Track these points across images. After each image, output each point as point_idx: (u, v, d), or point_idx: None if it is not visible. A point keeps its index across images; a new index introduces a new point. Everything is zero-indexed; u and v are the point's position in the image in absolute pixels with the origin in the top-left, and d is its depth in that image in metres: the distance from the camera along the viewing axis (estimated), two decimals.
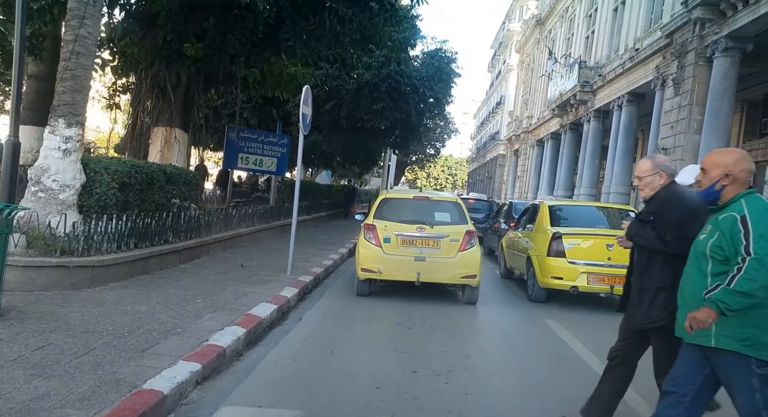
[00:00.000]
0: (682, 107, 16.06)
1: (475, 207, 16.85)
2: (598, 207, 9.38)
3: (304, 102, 7.29)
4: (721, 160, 2.60)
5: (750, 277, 2.31)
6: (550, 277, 7.36)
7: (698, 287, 2.54)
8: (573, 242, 7.34)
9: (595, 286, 7.14)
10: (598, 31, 26.68)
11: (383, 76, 17.83)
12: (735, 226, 2.42)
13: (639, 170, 3.29)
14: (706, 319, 2.40)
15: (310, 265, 8.57)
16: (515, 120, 44.70)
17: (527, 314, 6.83)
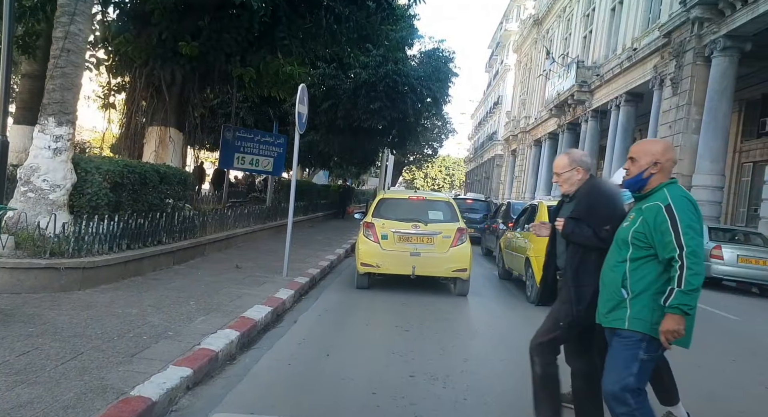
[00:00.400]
0: (680, 107, 16.01)
1: (472, 207, 16.76)
2: None
3: (299, 101, 7.19)
4: (650, 149, 2.67)
5: (694, 271, 2.37)
6: None
7: (617, 273, 2.61)
8: None
9: None
10: (595, 31, 26.65)
11: (380, 76, 17.73)
12: (660, 214, 2.47)
13: (556, 166, 3.28)
14: (677, 327, 2.42)
15: (306, 266, 8.46)
16: (513, 120, 44.68)
17: (526, 316, 6.73)
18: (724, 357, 5.47)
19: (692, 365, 5.11)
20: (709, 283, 10.81)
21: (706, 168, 14.63)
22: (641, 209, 2.58)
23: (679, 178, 15.68)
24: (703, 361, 5.22)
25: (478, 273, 10.78)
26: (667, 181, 2.61)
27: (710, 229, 11.09)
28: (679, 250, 2.39)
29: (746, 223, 18.34)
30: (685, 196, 2.53)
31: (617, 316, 2.56)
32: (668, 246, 2.42)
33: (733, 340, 6.47)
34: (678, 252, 2.39)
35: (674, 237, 2.41)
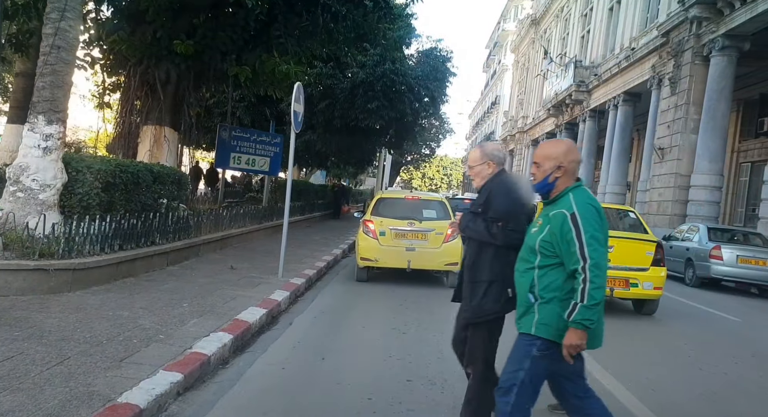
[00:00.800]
0: (678, 107, 15.96)
1: (468, 206, 16.65)
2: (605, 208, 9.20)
3: (295, 100, 7.09)
4: (552, 152, 2.59)
5: (596, 285, 2.32)
6: None
7: (525, 279, 2.55)
8: None
9: None
10: (593, 31, 26.61)
11: (378, 75, 17.62)
12: (565, 224, 2.41)
13: (469, 159, 3.23)
14: (580, 341, 2.38)
15: (302, 266, 8.36)
16: (510, 120, 44.65)
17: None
18: (725, 359, 5.39)
19: (693, 367, 5.04)
20: (708, 283, 10.76)
21: (704, 168, 14.57)
22: (548, 216, 2.52)
23: (677, 178, 15.66)
24: (705, 363, 5.14)
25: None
26: (573, 185, 2.54)
27: (709, 229, 11.02)
28: (582, 262, 2.33)
29: (744, 223, 18.31)
30: (590, 203, 2.46)
31: (526, 321, 2.52)
32: (573, 257, 2.36)
33: (734, 341, 6.39)
34: (582, 264, 2.33)
35: (578, 248, 2.35)
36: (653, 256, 7.09)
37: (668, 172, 16.10)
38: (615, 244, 7.04)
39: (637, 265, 7.01)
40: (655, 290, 7.03)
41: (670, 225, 15.43)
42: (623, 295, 7.05)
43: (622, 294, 6.99)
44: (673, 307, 8.28)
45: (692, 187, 14.89)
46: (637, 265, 7.00)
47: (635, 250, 7.11)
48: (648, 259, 7.08)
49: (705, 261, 10.30)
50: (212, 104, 19.64)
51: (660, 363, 5.11)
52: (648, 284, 6.97)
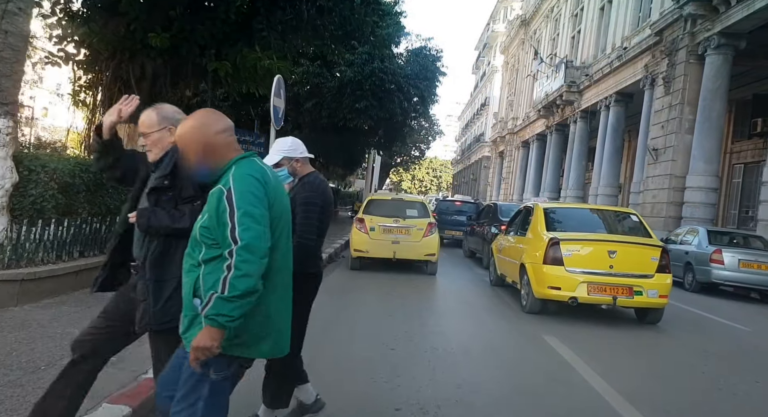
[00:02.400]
0: (672, 106, 15.64)
1: (461, 209, 16.24)
2: (595, 209, 8.78)
3: (275, 94, 6.57)
4: (190, 133, 2.05)
5: (243, 272, 1.84)
6: (546, 287, 6.71)
7: (190, 279, 2.01)
8: (571, 249, 6.71)
9: (596, 296, 6.53)
10: (584, 31, 26.34)
11: (366, 74, 17.15)
12: (221, 202, 1.93)
13: (142, 124, 2.58)
14: (211, 343, 1.86)
15: None
16: (500, 121, 44.38)
17: (524, 331, 6.17)
18: (746, 377, 4.93)
19: (712, 387, 4.58)
20: (708, 288, 10.38)
21: (700, 169, 14.24)
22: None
23: (672, 179, 15.32)
24: (724, 382, 4.70)
25: (468, 279, 10.26)
26: (237, 157, 2.05)
27: (709, 232, 10.65)
28: (233, 244, 1.87)
29: (737, 225, 18.05)
30: (250, 175, 1.98)
31: (193, 335, 1.94)
32: (225, 241, 1.89)
33: (749, 355, 5.95)
34: (231, 247, 1.87)
35: (230, 229, 1.88)
36: (658, 261, 6.66)
37: (662, 173, 15.77)
38: (618, 249, 6.65)
39: (642, 271, 6.59)
40: (661, 298, 6.58)
41: (665, 227, 15.08)
42: (627, 303, 6.63)
43: (625, 303, 6.58)
44: (675, 314, 7.86)
45: (687, 188, 14.56)
46: (641, 271, 6.58)
47: (639, 256, 6.71)
48: (653, 265, 6.65)
49: (705, 265, 9.92)
50: (194, 104, 19.06)
51: (671, 380, 4.66)
52: (653, 292, 6.52)
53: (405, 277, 9.42)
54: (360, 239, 9.60)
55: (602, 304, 6.68)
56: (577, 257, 6.66)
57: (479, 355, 5.03)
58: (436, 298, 8.23)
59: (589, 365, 4.75)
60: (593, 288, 6.52)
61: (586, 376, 4.45)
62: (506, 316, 6.98)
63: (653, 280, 6.53)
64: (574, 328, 6.37)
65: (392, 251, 9.47)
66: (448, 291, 8.78)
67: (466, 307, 7.54)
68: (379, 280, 8.86)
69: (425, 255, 9.60)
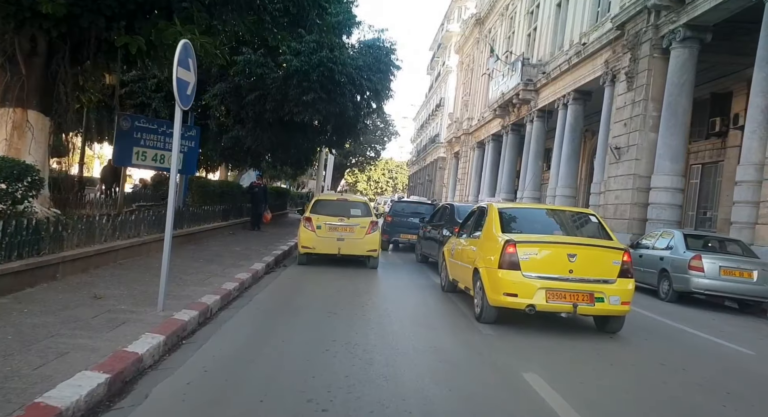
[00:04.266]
0: (636, 103, 14.98)
1: (418, 211, 15.02)
2: (552, 210, 7.87)
3: (180, 63, 5.11)
4: None
5: None
6: (502, 294, 5.92)
7: None
8: (528, 252, 5.94)
9: (556, 304, 5.82)
10: (540, 28, 25.79)
11: (314, 64, 15.72)
12: None
13: None
14: None
15: (203, 290, 6.38)
16: (455, 122, 43.77)
17: (474, 341, 5.31)
18: None
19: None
20: (685, 297, 9.56)
21: (666, 168, 13.58)
22: None
23: (635, 179, 14.64)
24: None
25: (419, 284, 9.12)
26: None
27: (686, 236, 9.82)
28: None
29: (695, 226, 17.66)
30: None
31: None
32: None
33: (763, 389, 4.94)
34: None
35: None
36: (620, 266, 5.98)
37: (625, 173, 15.08)
38: (578, 253, 5.91)
39: (603, 276, 5.92)
40: (623, 306, 5.92)
41: (629, 229, 14.39)
42: (587, 311, 5.93)
43: (586, 310, 5.87)
44: (653, 329, 6.97)
45: (653, 189, 13.89)
46: (602, 276, 5.92)
47: (600, 260, 6.01)
48: (614, 270, 5.96)
49: (684, 273, 9.05)
50: (123, 94, 17.17)
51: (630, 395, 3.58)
52: (615, 299, 5.85)
53: (352, 281, 8.14)
54: (307, 237, 10.25)
55: (561, 312, 5.93)
56: (535, 261, 5.92)
57: (432, 380, 3.87)
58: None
59: (542, 378, 3.76)
60: (552, 295, 5.82)
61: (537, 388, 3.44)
62: (458, 326, 6.10)
63: (615, 286, 5.89)
64: (529, 339, 5.70)
65: (337, 248, 10.15)
66: (398, 298, 7.59)
67: (419, 318, 6.40)
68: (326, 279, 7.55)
69: (367, 251, 10.34)
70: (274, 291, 7.64)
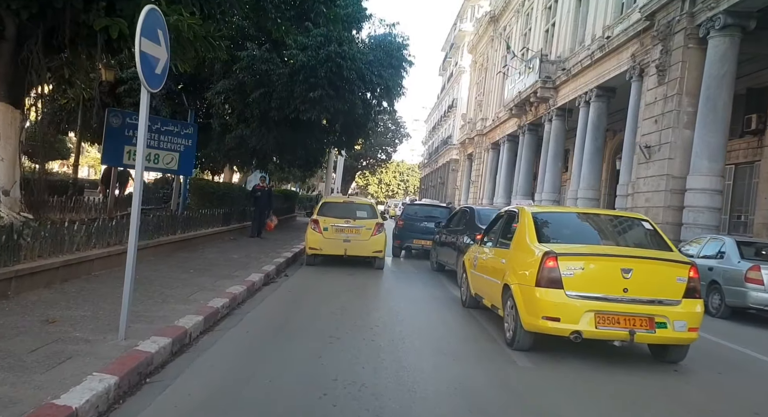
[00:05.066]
0: (668, 98, 13.83)
1: (432, 214, 13.96)
2: (597, 215, 6.75)
3: (144, 33, 4.11)
4: None
5: None
6: (540, 318, 4.88)
7: None
8: (573, 266, 4.90)
9: (607, 330, 4.77)
10: (559, 23, 24.67)
11: (322, 59, 14.79)
12: None
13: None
14: None
15: (184, 310, 5.42)
16: (468, 123, 42.68)
17: (509, 375, 4.43)
18: None
19: None
20: (739, 313, 8.41)
21: (703, 168, 12.43)
22: None
23: (669, 180, 13.50)
24: None
25: (436, 298, 8.10)
26: None
27: (739, 243, 8.69)
28: None
29: (728, 231, 16.43)
30: None
31: None
32: None
33: None
34: None
35: None
36: (686, 283, 4.92)
37: (657, 173, 13.94)
38: (634, 267, 4.82)
39: (665, 296, 4.89)
40: (690, 332, 4.88)
41: None
42: (647, 339, 4.88)
43: (645, 338, 4.83)
44: (718, 355, 5.88)
45: (689, 190, 12.74)
46: (664, 296, 4.89)
47: (661, 276, 4.96)
48: (679, 288, 4.91)
49: (739, 286, 7.93)
50: (122, 92, 16.37)
51: None
52: (680, 324, 4.81)
53: (359, 294, 7.15)
54: (314, 238, 10.48)
55: (615, 340, 4.87)
56: (581, 278, 4.87)
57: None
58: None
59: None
60: (603, 319, 4.76)
61: None
62: (486, 355, 5.10)
63: (680, 308, 4.85)
64: (576, 372, 4.71)
65: (343, 249, 10.34)
66: (413, 316, 6.54)
67: (437, 342, 5.36)
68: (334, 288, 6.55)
69: (373, 252, 10.53)
70: (270, 307, 6.66)
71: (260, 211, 14.52)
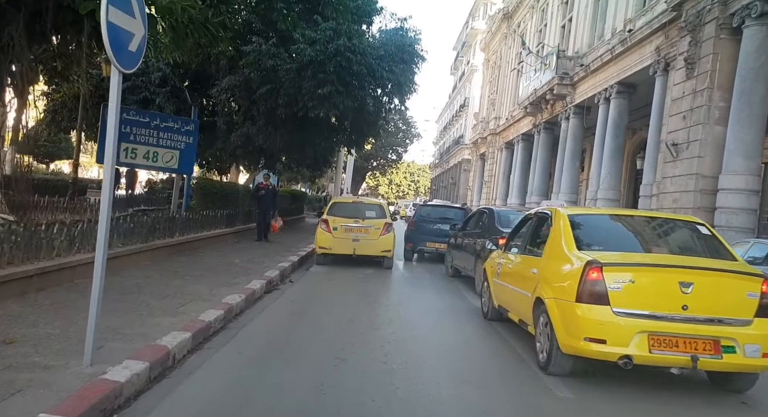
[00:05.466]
0: (698, 92, 12.99)
1: (446, 216, 13.22)
2: (643, 218, 5.91)
3: (110, 0, 3.48)
4: None
5: None
6: (582, 339, 4.13)
7: None
8: (621, 278, 4.13)
9: (664, 354, 3.99)
10: (576, 18, 23.82)
11: (330, 53, 14.17)
12: None
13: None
14: None
15: (170, 324, 4.77)
16: (481, 122, 41.83)
17: (547, 407, 3.53)
18: None
19: None
20: None
21: (738, 166, 11.60)
22: None
23: (698, 180, 12.66)
24: None
25: (453, 308, 7.37)
26: None
27: None
28: None
29: (758, 234, 15.54)
30: None
31: None
32: None
33: None
34: None
35: None
36: (758, 300, 4.08)
37: (686, 172, 13.11)
38: (695, 280, 4.04)
39: (734, 314, 4.08)
40: (765, 358, 4.03)
41: None
42: (712, 366, 4.09)
43: (710, 365, 4.05)
44: None
45: (721, 190, 11.92)
46: (732, 314, 4.08)
47: (727, 290, 4.16)
48: (750, 305, 4.09)
49: None
50: (126, 89, 15.83)
51: None
52: (753, 349, 4.00)
53: (370, 304, 6.46)
54: (324, 237, 10.58)
55: (673, 366, 4.10)
56: (631, 292, 4.11)
57: None
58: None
59: None
60: (658, 341, 4.00)
61: None
62: (519, 381, 4.35)
63: (752, 329, 4.04)
64: (625, 402, 3.95)
65: (352, 248, 10.41)
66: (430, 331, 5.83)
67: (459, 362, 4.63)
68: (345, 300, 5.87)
69: (382, 251, 10.62)
70: (270, 320, 6.00)
71: (264, 212, 13.41)
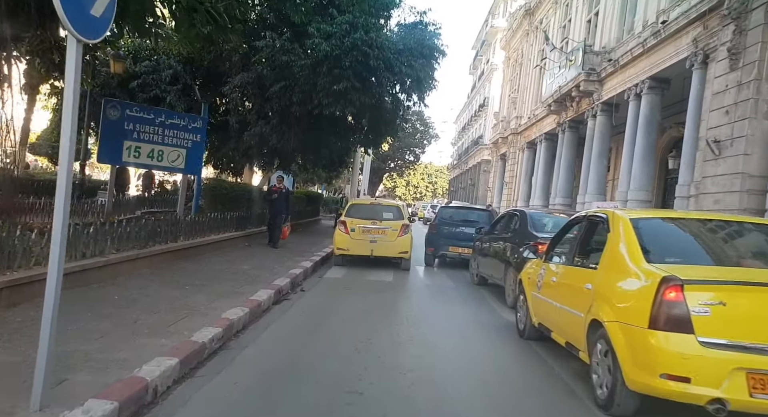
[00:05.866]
0: (743, 84, 11.98)
1: (469, 218, 12.39)
2: (727, 222, 4.72)
3: None
4: None
5: None
6: (657, 375, 3.26)
7: None
8: (707, 300, 3.28)
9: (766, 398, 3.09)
10: (603, 12, 22.80)
11: (347, 47, 13.49)
12: None
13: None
14: None
15: (157, 347, 4.09)
16: (501, 121, 40.81)
17: None
18: None
19: None
20: None
21: None
22: None
23: (745, 179, 11.65)
24: None
25: (483, 324, 6.55)
26: None
27: None
28: None
29: None
30: None
31: None
32: None
33: None
34: None
35: None
36: None
37: (730, 171, 12.11)
38: None
39: None
40: None
41: None
42: None
43: None
44: None
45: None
46: None
47: None
48: None
49: None
50: (136, 86, 15.35)
51: None
52: None
53: (389, 318, 5.71)
54: (342, 239, 10.77)
55: None
56: (722, 317, 3.25)
57: None
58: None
59: None
60: (762, 382, 3.11)
61: None
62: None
63: None
64: None
65: (370, 249, 10.54)
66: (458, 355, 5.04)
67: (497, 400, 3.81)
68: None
69: (399, 253, 10.69)
70: (276, 338, 5.28)
71: (275, 217, 12.36)
